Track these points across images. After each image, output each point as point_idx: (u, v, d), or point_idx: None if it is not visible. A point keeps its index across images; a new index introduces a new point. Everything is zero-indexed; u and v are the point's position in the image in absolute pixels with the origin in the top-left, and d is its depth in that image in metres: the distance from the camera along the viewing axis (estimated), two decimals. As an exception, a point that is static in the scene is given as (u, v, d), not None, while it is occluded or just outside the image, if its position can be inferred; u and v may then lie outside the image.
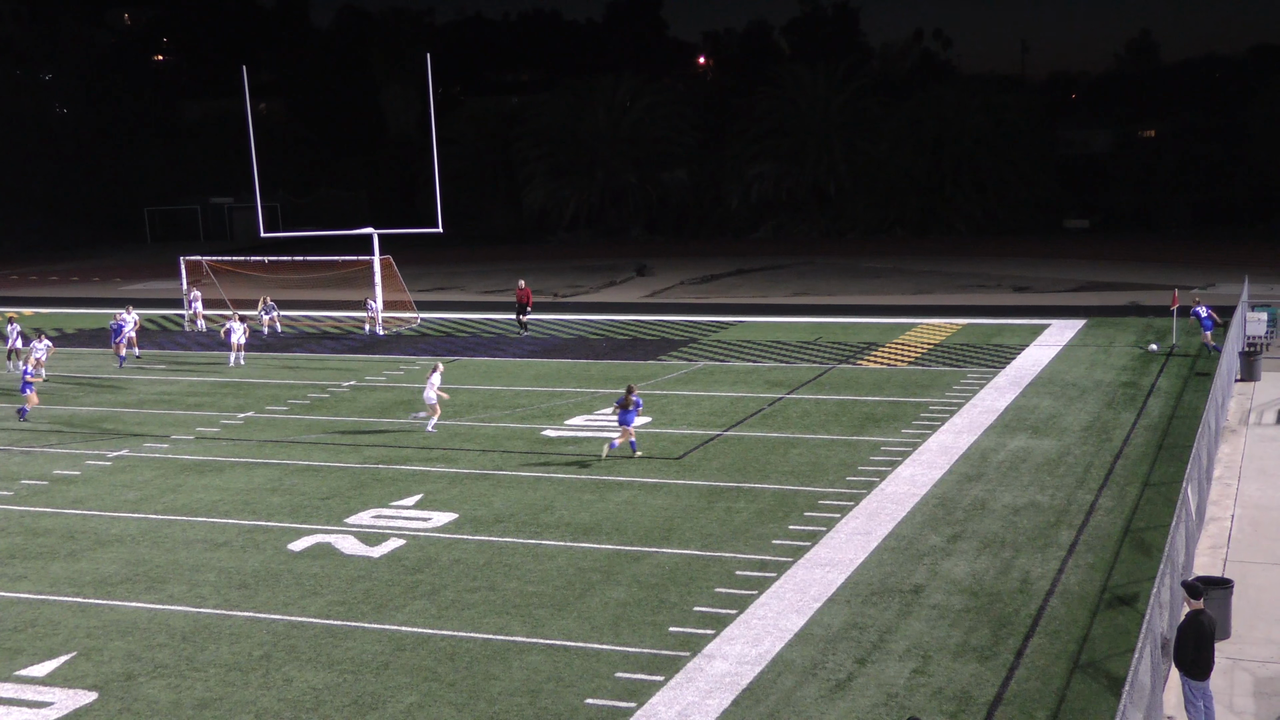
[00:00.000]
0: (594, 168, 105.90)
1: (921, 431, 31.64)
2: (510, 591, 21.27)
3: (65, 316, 61.09)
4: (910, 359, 42.31)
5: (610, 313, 56.78)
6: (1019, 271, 68.90)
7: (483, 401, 37.45)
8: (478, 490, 27.64)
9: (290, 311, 58.87)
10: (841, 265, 75.38)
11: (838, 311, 54.75)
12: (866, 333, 48.31)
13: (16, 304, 66.31)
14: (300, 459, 31.08)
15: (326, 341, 50.68)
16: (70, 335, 54.53)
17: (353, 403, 38.00)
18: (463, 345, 48.53)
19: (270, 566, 23.00)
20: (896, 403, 35.19)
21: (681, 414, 34.61)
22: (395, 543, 24.09)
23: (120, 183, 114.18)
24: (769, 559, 22.39)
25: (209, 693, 17.81)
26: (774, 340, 46.88)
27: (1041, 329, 47.92)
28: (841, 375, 39.69)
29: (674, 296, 63.19)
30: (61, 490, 28.90)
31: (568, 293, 65.57)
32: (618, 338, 49.23)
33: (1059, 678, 17.35)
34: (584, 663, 18.36)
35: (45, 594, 21.98)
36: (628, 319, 54.43)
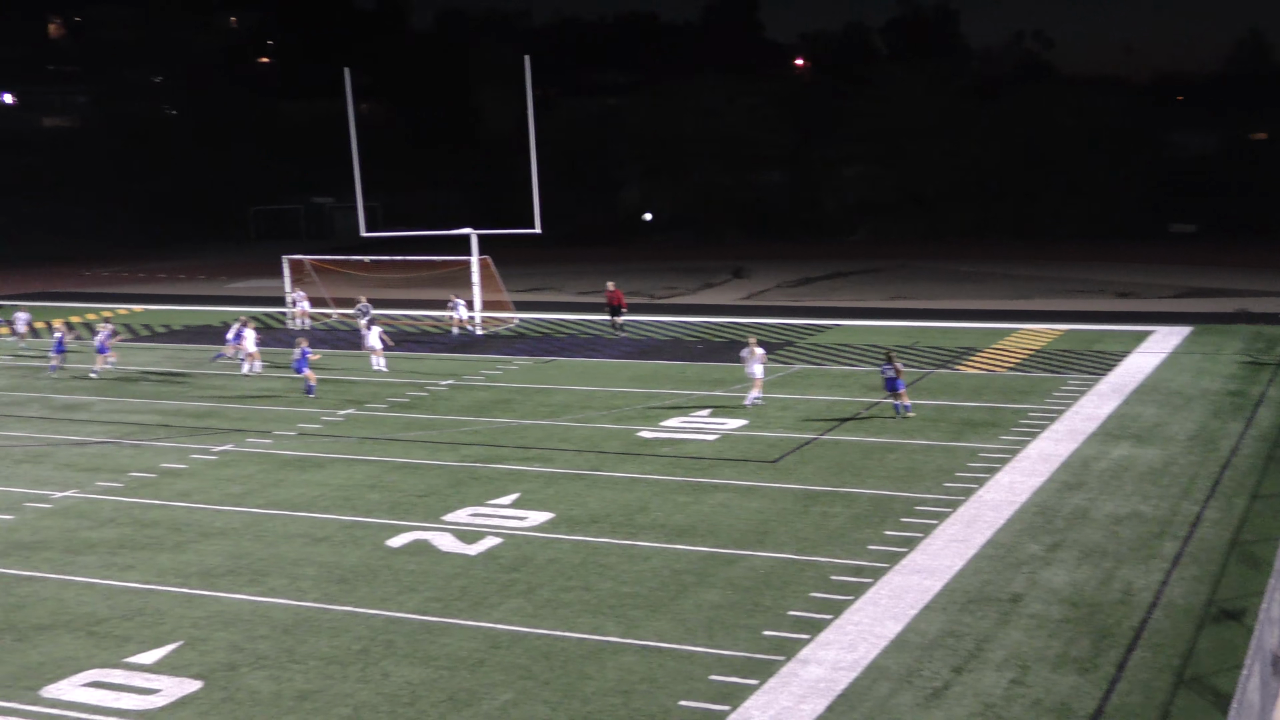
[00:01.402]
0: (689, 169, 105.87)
1: (1021, 438, 31.23)
2: (605, 591, 21.33)
3: (171, 314, 62.32)
4: (1009, 364, 41.78)
5: (706, 315, 56.71)
6: (1122, 277, 67.75)
7: (579, 402, 37.59)
8: (573, 490, 27.75)
9: (390, 310, 59.52)
10: (939, 269, 74.64)
11: (935, 316, 54.20)
12: (964, 337, 47.79)
13: (125, 301, 67.77)
14: (399, 456, 31.43)
15: (425, 340, 51.18)
16: (177, 332, 55.62)
17: (450, 401, 38.34)
18: (559, 346, 48.75)
19: (369, 562, 23.29)
20: (995, 408, 34.77)
21: (777, 417, 34.48)
22: (492, 541, 24.27)
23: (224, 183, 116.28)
24: (864, 564, 22.23)
25: (308, 685, 18.08)
26: (870, 344, 46.53)
27: (1145, 336, 47.06)
28: (939, 380, 39.30)
29: (770, 299, 62.97)
30: (169, 483, 29.51)
31: (664, 294, 65.60)
32: (713, 340, 49.17)
33: (1162, 692, 17.03)
34: (678, 664, 18.35)
35: (153, 584, 22.47)
36: (724, 321, 54.33)
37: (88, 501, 28.16)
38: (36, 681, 18.47)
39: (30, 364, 47.80)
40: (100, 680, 18.43)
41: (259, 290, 71.43)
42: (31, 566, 23.68)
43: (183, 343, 52.35)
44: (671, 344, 48.35)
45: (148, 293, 72.78)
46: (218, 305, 65.09)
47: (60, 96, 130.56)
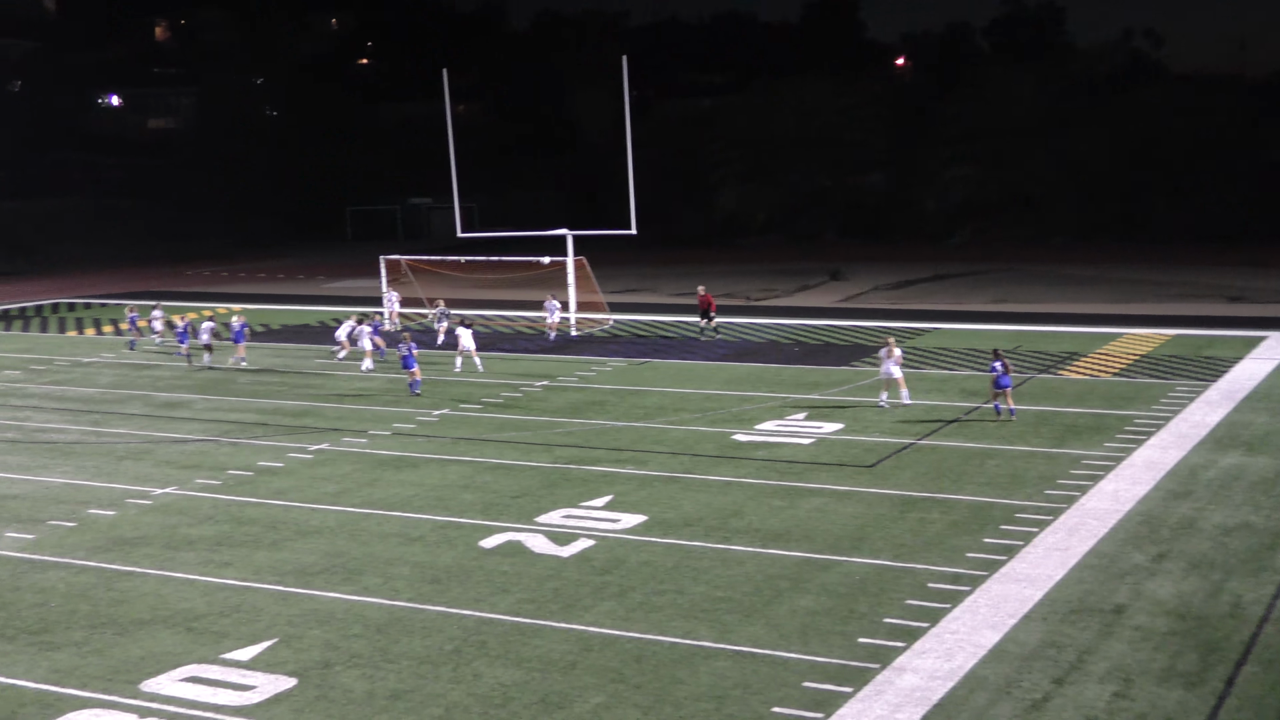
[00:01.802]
0: (786, 171, 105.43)
1: (1125, 445, 30.68)
2: (698, 595, 21.30)
3: (270, 313, 63.32)
4: (1114, 370, 41.07)
5: (803, 317, 56.44)
6: (1233, 280, 66.27)
7: (673, 404, 37.61)
8: (667, 493, 27.76)
9: (484, 311, 60.01)
10: (1042, 272, 73.57)
11: (1038, 319, 53.44)
12: (1068, 342, 47.06)
13: (224, 300, 68.99)
14: (493, 457, 31.66)
15: (520, 341, 51.52)
16: (275, 331, 56.50)
17: (545, 403, 38.54)
18: (654, 347, 48.80)
19: (462, 562, 23.48)
20: (1099, 415, 34.19)
21: (875, 421, 34.22)
22: (585, 543, 24.35)
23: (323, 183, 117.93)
24: (963, 572, 21.97)
25: (401, 684, 18.26)
26: (970, 348, 46.00)
27: (1258, 341, 45.98)
28: (1042, 385, 38.74)
29: (868, 301, 62.51)
30: (265, 481, 29.99)
31: (760, 296, 65.41)
32: (810, 342, 48.93)
33: (1273, 709, 16.61)
34: (771, 671, 18.27)
35: (250, 581, 22.84)
36: (821, 323, 54.04)
37: (187, 499, 28.72)
38: (136, 675, 18.86)
39: (161, 361, 48.82)
40: (198, 675, 18.77)
41: (356, 290, 72.34)
42: (132, 562, 24.19)
43: (281, 342, 53.16)
44: (767, 347, 48.19)
45: (246, 292, 74.01)
46: (315, 305, 66.04)
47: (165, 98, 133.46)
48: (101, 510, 27.93)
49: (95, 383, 44.47)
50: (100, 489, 29.78)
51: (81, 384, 44.27)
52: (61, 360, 49.73)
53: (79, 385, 44.03)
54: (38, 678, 18.96)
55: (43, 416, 38.68)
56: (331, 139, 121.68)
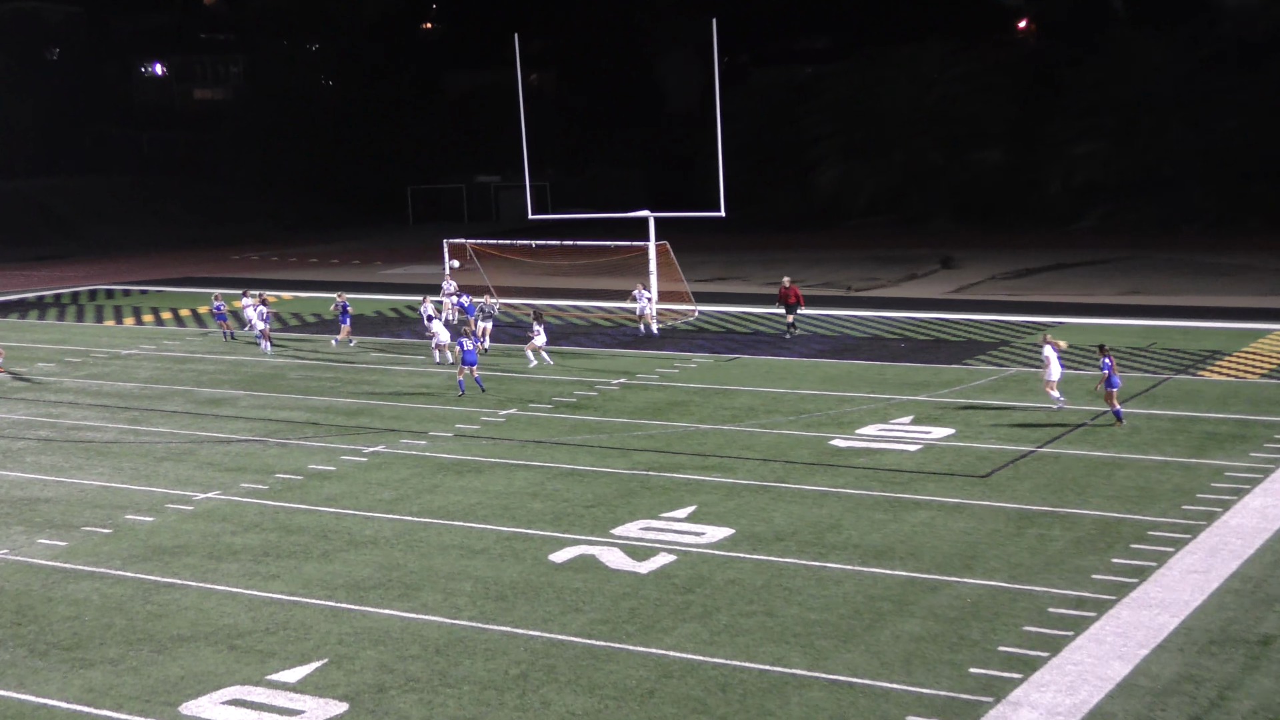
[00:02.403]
0: (894, 147, 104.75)
1: (1274, 456, 30.14)
2: (790, 618, 21.22)
3: (322, 302, 63.93)
4: (1262, 371, 40.37)
5: (910, 309, 56.08)
6: (1399, 271, 64.90)
7: (764, 405, 37.51)
8: (757, 504, 27.69)
9: (557, 301, 60.23)
10: (1180, 260, 72.50)
11: (1175, 314, 52.67)
12: (1209, 339, 46.33)
13: (273, 287, 69.80)
14: (564, 462, 31.76)
15: (596, 334, 51.64)
16: (328, 322, 57.07)
17: (622, 402, 38.60)
18: (743, 342, 48.71)
19: (530, 578, 23.58)
20: (1244, 421, 33.62)
21: (989, 426, 33.92)
22: (665, 558, 24.36)
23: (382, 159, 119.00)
24: (1087, 596, 21.71)
25: (462, 711, 18.36)
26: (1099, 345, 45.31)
27: None
28: (1178, 387, 38.17)
29: (983, 292, 61.95)
30: (316, 486, 30.31)
31: (862, 286, 65.07)
32: (918, 338, 48.59)
33: None
34: (871, 702, 18.16)
35: (298, 595, 23.10)
36: (930, 317, 53.65)
37: (231, 504, 29.10)
38: (175, 697, 19.14)
39: (206, 354, 49.55)
40: (242, 698, 19.00)
41: (417, 276, 72.91)
42: (172, 573, 24.56)
43: (334, 334, 53.67)
44: (870, 342, 47.92)
45: (297, 278, 74.87)
46: (372, 293, 66.62)
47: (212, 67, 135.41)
48: (139, 516, 28.39)
49: (134, 377, 45.22)
50: (138, 493, 30.27)
51: (119, 378, 45.05)
52: (99, 352, 50.65)
53: (117, 379, 44.81)
54: (70, 697, 19.31)
55: (78, 413, 39.39)
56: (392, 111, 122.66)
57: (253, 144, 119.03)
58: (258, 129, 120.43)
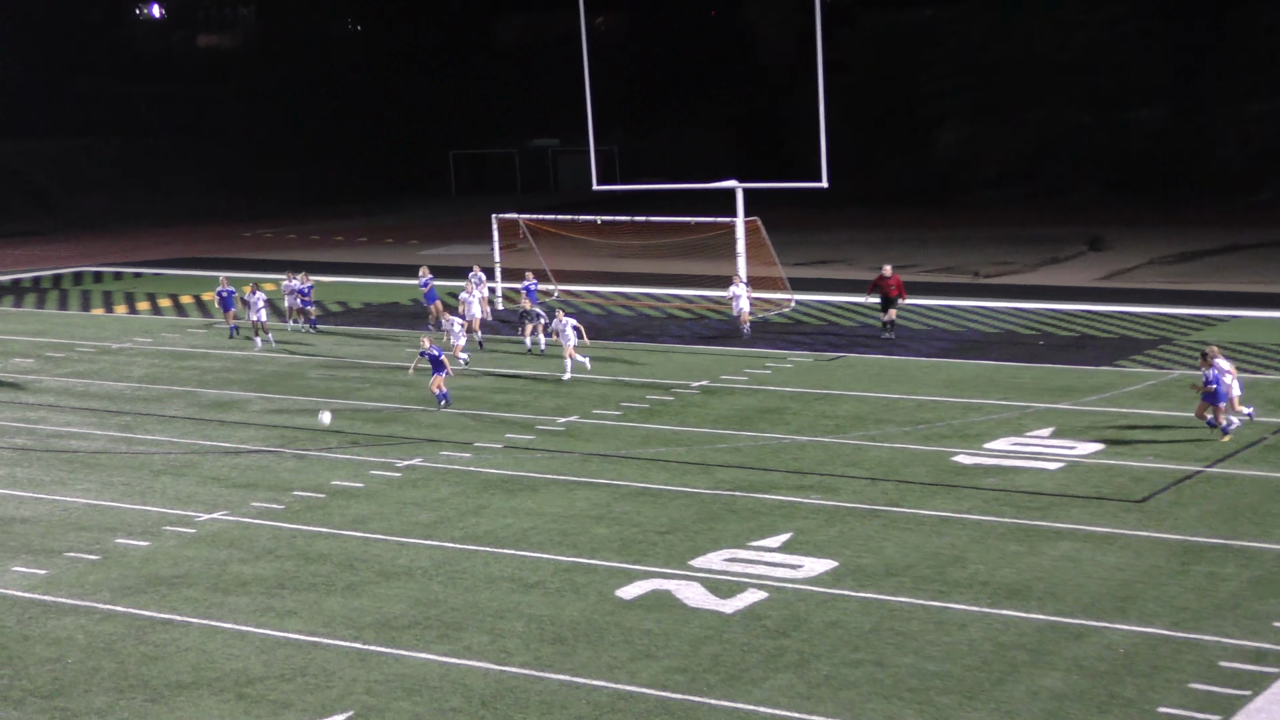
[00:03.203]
0: (1030, 104, 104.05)
1: None
2: (904, 669, 21.13)
3: (349, 288, 64.40)
4: None
5: (1050, 299, 55.68)
6: None
7: (874, 414, 37.38)
8: (864, 531, 27.59)
9: (626, 288, 60.28)
10: (1381, 242, 71.57)
11: (1374, 306, 52.04)
12: None
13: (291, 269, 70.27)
14: (634, 480, 31.77)
15: (672, 328, 51.65)
16: (355, 311, 57.49)
17: (703, 409, 38.58)
18: (849, 338, 48.54)
19: (593, 617, 23.60)
20: None
21: (1146, 441, 33.62)
22: (754, 595, 24.31)
23: (420, 119, 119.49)
24: (1268, 647, 21.49)
25: (512, 775, 18.42)
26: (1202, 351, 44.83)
27: None
28: (1378, 396, 37.72)
29: (1139, 280, 61.43)
30: (341, 506, 30.51)
31: (992, 271, 64.71)
32: (1059, 334, 48.26)
33: None
34: (1003, 773, 18.05)
35: (319, 635, 23.25)
36: (1074, 308, 53.26)
37: (240, 526, 29.34)
38: (172, 753, 19.33)
39: (210, 349, 50.01)
40: (250, 755, 19.17)
41: (460, 258, 73.12)
42: (170, 607, 24.79)
43: (363, 325, 54.04)
44: (1001, 339, 47.65)
45: (320, 260, 75.27)
46: (408, 278, 66.86)
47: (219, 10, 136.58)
48: (132, 540, 28.68)
49: (127, 375, 45.73)
50: (131, 512, 30.58)
51: (109, 376, 45.57)
52: (85, 346, 51.27)
53: (106, 378, 45.33)
54: (50, 752, 19.55)
55: (60, 418, 39.86)
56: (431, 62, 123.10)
57: (266, 100, 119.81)
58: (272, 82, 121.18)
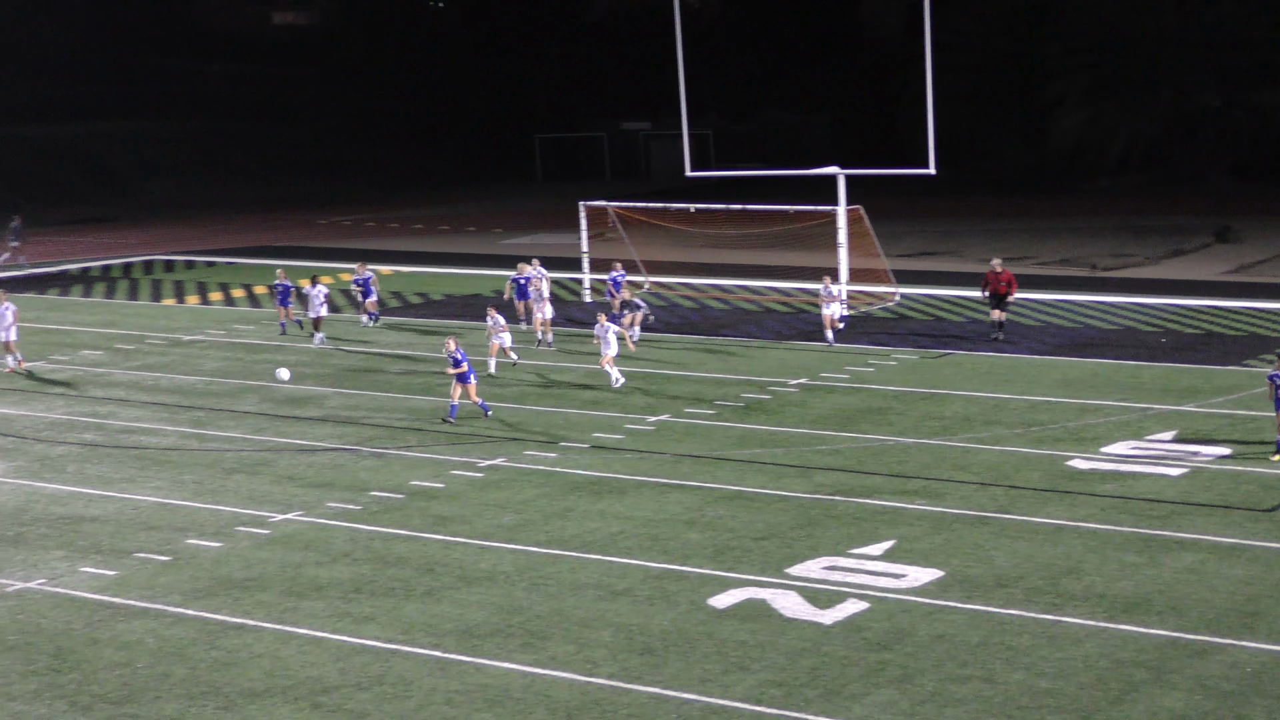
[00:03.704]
0: (1157, 84, 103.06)
1: None
2: (1014, 686, 21.07)
3: (429, 278, 64.72)
4: None
5: (1173, 294, 55.18)
6: None
7: (983, 415, 37.23)
8: (972, 539, 27.52)
9: (721, 280, 60.26)
10: None
11: None
12: None
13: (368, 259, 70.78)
14: (729, 482, 31.82)
15: (769, 323, 51.59)
16: (436, 303, 57.80)
17: (802, 408, 38.56)
18: (957, 334, 48.33)
19: (684, 627, 23.68)
20: None
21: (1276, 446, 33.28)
22: (855, 606, 24.31)
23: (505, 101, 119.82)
24: (1406, 668, 21.27)
25: (599, 792, 18.53)
26: None
27: None
28: None
29: (1270, 274, 60.78)
30: (420, 507, 30.75)
31: (1111, 264, 64.21)
32: (1184, 331, 47.87)
33: None
34: (1119, 797, 17.99)
35: (396, 643, 23.47)
36: (1199, 304, 52.79)
37: (315, 528, 29.64)
38: (245, 763, 19.60)
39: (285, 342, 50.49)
40: (325, 767, 19.41)
41: (546, 247, 73.35)
42: (243, 612, 25.10)
43: (444, 317, 54.28)
44: (1121, 335, 47.30)
45: (399, 249, 75.76)
46: (489, 268, 67.10)
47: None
48: (203, 541, 29.05)
49: (198, 368, 46.25)
50: (202, 512, 30.96)
51: (180, 370, 46.10)
52: (155, 338, 51.85)
53: (177, 372, 45.85)
54: (118, 761, 19.88)
55: (130, 413, 40.38)
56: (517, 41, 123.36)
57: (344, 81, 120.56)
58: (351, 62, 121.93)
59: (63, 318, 57.05)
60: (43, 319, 56.08)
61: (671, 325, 49.80)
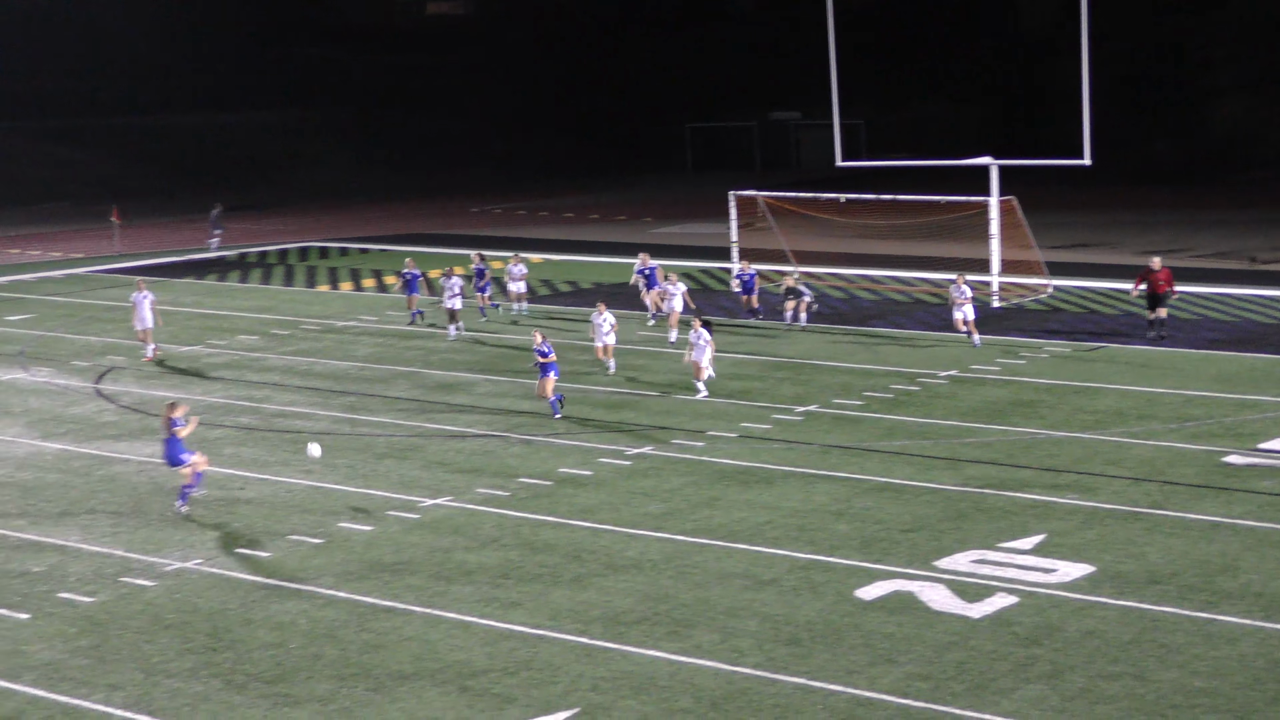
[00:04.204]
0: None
1: None
2: (1166, 685, 20.81)
3: (579, 267, 65.02)
4: None
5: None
6: None
7: (1137, 409, 36.79)
8: (1125, 534, 27.22)
9: (870, 270, 59.99)
10: None
11: None
12: None
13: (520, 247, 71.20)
14: (877, 474, 31.71)
15: (919, 314, 51.31)
16: (585, 291, 58.01)
17: (952, 400, 38.31)
18: (1111, 327, 47.83)
19: (830, 618, 23.63)
20: None
21: None
22: (1003, 600, 24.13)
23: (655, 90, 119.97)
24: None
25: (744, 781, 18.55)
26: None
27: None
28: None
29: None
30: (568, 495, 30.91)
31: (1271, 257, 63.15)
32: (1344, 326, 47.07)
33: None
34: (1273, 799, 17.71)
35: (543, 629, 23.62)
36: (1361, 299, 51.85)
37: (464, 513, 29.90)
38: (393, 745, 19.80)
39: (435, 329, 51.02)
40: (472, 750, 19.56)
41: (696, 237, 73.47)
42: (393, 595, 25.38)
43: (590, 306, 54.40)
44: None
45: (549, 238, 76.14)
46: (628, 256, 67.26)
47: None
48: (355, 524, 29.41)
49: (351, 354, 46.80)
50: (354, 495, 31.35)
51: (334, 355, 46.68)
52: (309, 324, 52.56)
53: (330, 357, 46.43)
54: (270, 740, 20.18)
55: (284, 397, 40.97)
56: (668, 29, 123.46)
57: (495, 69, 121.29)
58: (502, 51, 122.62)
59: (220, 303, 58.01)
60: (201, 304, 57.11)
61: (820, 316, 49.61)
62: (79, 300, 58.26)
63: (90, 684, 22.02)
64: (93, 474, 33.69)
